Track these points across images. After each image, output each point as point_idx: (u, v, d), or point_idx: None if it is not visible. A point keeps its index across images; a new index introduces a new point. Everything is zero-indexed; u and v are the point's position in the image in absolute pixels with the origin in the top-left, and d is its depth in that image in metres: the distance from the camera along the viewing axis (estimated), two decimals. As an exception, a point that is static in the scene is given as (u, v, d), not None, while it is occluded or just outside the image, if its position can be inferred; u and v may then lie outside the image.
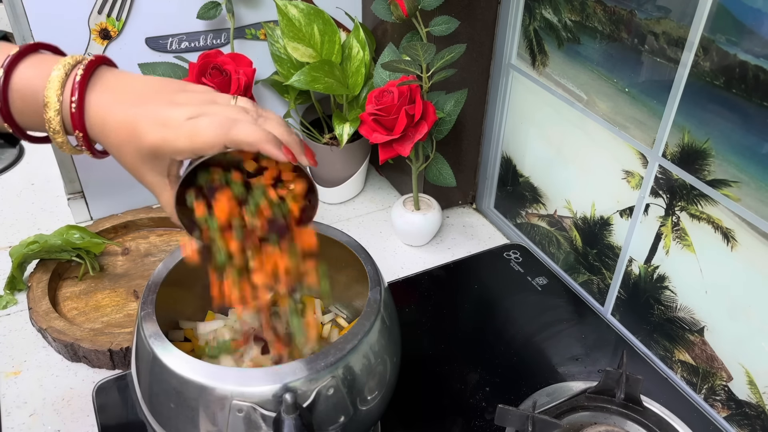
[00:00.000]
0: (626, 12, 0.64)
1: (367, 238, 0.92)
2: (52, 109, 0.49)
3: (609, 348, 0.74)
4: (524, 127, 0.85)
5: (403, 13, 0.74)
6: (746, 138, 0.55)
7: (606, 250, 0.76)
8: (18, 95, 0.49)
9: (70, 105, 0.48)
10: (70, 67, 0.49)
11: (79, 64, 0.49)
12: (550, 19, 0.74)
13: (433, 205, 0.89)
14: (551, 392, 0.67)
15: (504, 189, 0.93)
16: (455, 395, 0.68)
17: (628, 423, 0.62)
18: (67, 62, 0.49)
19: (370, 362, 0.51)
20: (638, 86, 0.65)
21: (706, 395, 0.67)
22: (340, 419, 0.50)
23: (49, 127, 0.50)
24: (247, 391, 0.46)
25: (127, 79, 0.51)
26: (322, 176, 0.98)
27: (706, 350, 0.66)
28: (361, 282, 0.57)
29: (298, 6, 0.83)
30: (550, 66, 0.76)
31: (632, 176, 0.69)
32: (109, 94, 0.49)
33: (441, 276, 0.84)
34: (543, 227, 0.86)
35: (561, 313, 0.79)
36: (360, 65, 0.86)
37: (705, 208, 0.61)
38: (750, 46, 0.53)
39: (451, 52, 0.73)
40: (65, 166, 0.87)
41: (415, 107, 0.75)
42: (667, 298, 0.69)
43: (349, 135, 0.87)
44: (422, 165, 0.84)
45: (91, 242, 0.81)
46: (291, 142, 0.50)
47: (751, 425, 0.63)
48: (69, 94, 0.48)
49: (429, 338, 0.74)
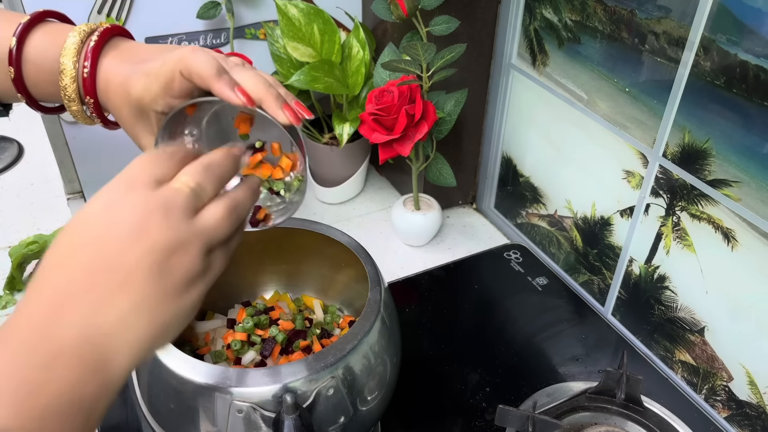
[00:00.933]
0: (626, 11, 0.63)
1: (367, 238, 0.92)
2: (68, 76, 0.49)
3: (609, 348, 0.74)
4: (524, 127, 0.85)
5: (403, 13, 0.74)
6: (747, 138, 0.55)
7: (606, 250, 0.76)
8: (32, 64, 0.49)
9: (83, 71, 0.48)
10: (85, 34, 0.49)
11: (94, 31, 0.49)
12: (551, 19, 0.74)
13: (433, 205, 0.89)
14: (551, 392, 0.67)
15: (504, 189, 0.92)
16: (455, 395, 0.67)
17: (629, 423, 0.62)
18: (83, 30, 0.49)
19: (370, 362, 0.51)
20: (639, 86, 0.65)
21: (707, 395, 0.67)
22: (340, 420, 0.50)
23: (64, 94, 0.50)
24: (247, 391, 0.46)
25: (136, 46, 0.51)
26: (322, 176, 0.98)
27: (707, 350, 0.66)
28: (361, 282, 0.57)
29: (298, 6, 0.82)
30: (551, 66, 0.76)
31: (633, 176, 0.69)
32: (117, 59, 0.49)
33: (441, 276, 0.84)
34: (543, 227, 0.86)
35: (561, 313, 0.79)
36: (360, 65, 0.86)
37: (705, 208, 0.61)
38: (750, 46, 0.53)
39: (452, 51, 0.73)
40: (65, 166, 0.87)
41: (415, 107, 0.75)
42: (667, 298, 0.69)
43: (349, 135, 0.86)
44: (422, 165, 0.84)
45: (90, 242, 0.80)
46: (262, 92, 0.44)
47: (752, 425, 0.63)
48: (82, 61, 0.48)
49: (429, 338, 0.74)
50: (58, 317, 0.32)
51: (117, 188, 0.36)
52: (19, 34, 0.48)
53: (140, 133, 0.49)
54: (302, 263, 0.67)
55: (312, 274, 0.68)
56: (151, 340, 0.34)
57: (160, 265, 0.34)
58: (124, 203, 0.35)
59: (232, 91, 0.43)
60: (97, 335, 0.32)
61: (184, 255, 0.35)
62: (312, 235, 0.61)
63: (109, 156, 0.88)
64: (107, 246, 0.33)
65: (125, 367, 0.33)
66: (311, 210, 0.98)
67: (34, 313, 0.32)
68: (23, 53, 0.49)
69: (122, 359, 0.33)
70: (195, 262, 0.35)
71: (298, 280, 0.69)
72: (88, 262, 0.33)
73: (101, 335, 0.32)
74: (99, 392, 0.32)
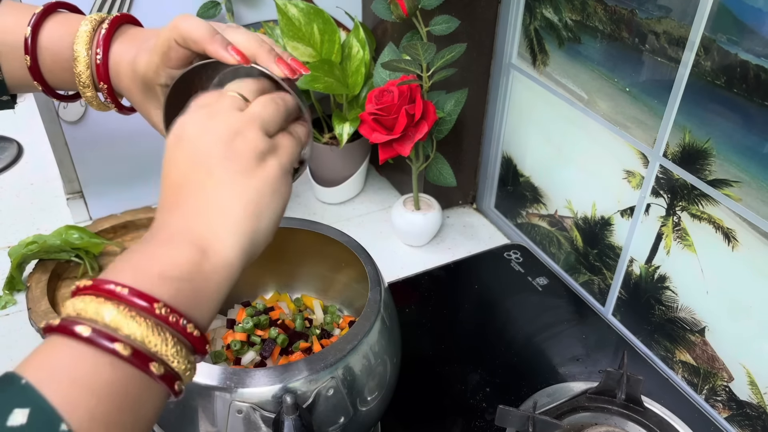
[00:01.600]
0: (627, 11, 0.63)
1: (367, 238, 0.92)
2: (82, 62, 0.51)
3: (610, 348, 0.74)
4: (525, 127, 0.85)
5: (403, 13, 0.74)
6: (747, 138, 0.55)
7: (607, 250, 0.76)
8: (48, 53, 0.52)
9: (95, 58, 0.51)
10: (96, 23, 0.51)
11: (105, 20, 0.51)
12: (551, 19, 0.74)
13: (433, 205, 0.89)
14: (552, 393, 0.67)
15: (504, 189, 0.92)
16: (455, 396, 0.67)
17: (629, 424, 0.62)
18: (94, 18, 0.51)
19: (370, 363, 0.51)
20: (639, 86, 0.65)
21: (707, 396, 0.67)
22: (339, 420, 0.49)
23: (79, 81, 0.52)
24: (247, 391, 0.46)
25: (143, 30, 0.53)
26: (322, 176, 0.97)
27: (707, 350, 0.65)
28: (361, 282, 0.57)
29: (298, 5, 0.82)
30: (551, 65, 0.76)
31: (633, 176, 0.69)
32: (126, 44, 0.51)
33: (441, 276, 0.84)
34: (543, 227, 0.86)
35: (561, 313, 0.79)
36: (360, 65, 0.86)
37: (706, 208, 0.61)
38: (751, 46, 0.53)
39: (452, 51, 0.73)
40: (64, 166, 0.87)
41: (415, 107, 0.74)
42: (667, 299, 0.69)
43: (348, 135, 0.86)
44: (422, 165, 0.84)
45: (90, 242, 0.80)
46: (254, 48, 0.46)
47: (752, 426, 0.63)
48: (95, 48, 0.51)
49: (429, 339, 0.74)
50: (168, 216, 0.39)
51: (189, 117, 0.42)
52: (34, 23, 0.51)
53: (151, 111, 0.51)
54: (302, 263, 0.67)
55: (312, 274, 0.68)
56: (246, 218, 0.38)
57: (228, 149, 0.39)
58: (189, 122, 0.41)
59: (226, 50, 0.45)
60: (197, 223, 0.37)
61: (245, 136, 0.40)
62: (312, 235, 0.61)
63: (108, 156, 0.88)
64: (185, 153, 0.40)
65: (229, 248, 0.37)
66: (311, 210, 0.98)
67: (157, 218, 0.39)
68: (38, 42, 0.51)
69: (224, 241, 0.37)
70: (256, 138, 0.40)
71: (298, 280, 0.69)
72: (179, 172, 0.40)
73: (200, 222, 0.38)
74: (209, 274, 0.36)
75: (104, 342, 0.31)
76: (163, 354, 0.33)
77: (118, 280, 0.33)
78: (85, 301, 0.32)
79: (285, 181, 0.41)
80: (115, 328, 0.32)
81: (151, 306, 0.33)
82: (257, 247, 0.40)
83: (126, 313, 0.32)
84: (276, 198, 0.40)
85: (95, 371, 0.31)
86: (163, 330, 0.33)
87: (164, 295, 0.33)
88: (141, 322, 0.32)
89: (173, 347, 0.33)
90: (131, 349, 0.31)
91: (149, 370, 0.32)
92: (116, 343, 0.31)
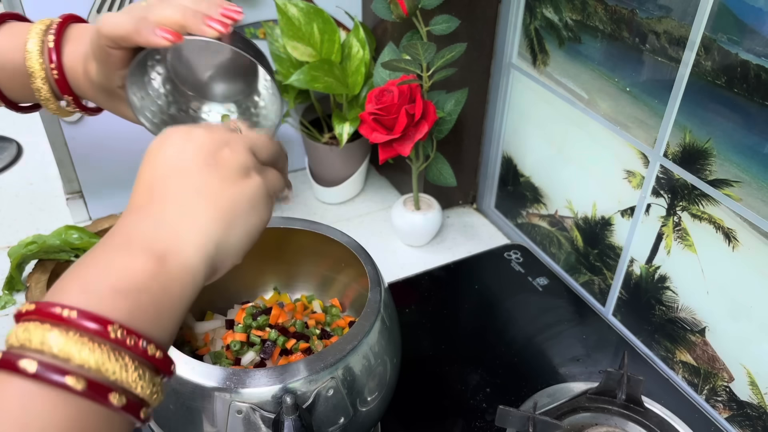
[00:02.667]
0: (627, 11, 0.63)
1: (367, 238, 0.92)
2: (38, 78, 0.49)
3: (610, 348, 0.74)
4: (525, 127, 0.85)
5: (403, 12, 0.74)
6: (748, 138, 0.55)
7: (607, 250, 0.75)
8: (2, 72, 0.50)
9: (52, 73, 0.49)
10: (42, 33, 0.49)
11: (49, 29, 0.49)
12: (551, 18, 0.74)
13: (433, 205, 0.89)
14: (552, 393, 0.67)
15: (505, 189, 0.92)
16: (456, 396, 0.67)
17: (630, 424, 0.62)
18: (39, 29, 0.49)
19: (370, 363, 0.51)
20: (639, 86, 0.65)
21: (708, 396, 0.67)
22: (339, 420, 0.49)
23: (39, 96, 0.50)
24: (247, 392, 0.46)
25: (85, 30, 0.51)
26: (322, 176, 0.97)
27: (708, 351, 0.65)
28: (361, 282, 0.57)
29: (298, 5, 0.82)
30: (551, 65, 0.76)
31: (633, 176, 0.69)
32: (77, 45, 0.49)
33: (441, 276, 0.84)
34: (544, 227, 0.86)
35: (562, 313, 0.79)
36: (360, 64, 0.86)
37: (706, 208, 0.61)
38: (751, 46, 0.53)
39: (452, 51, 0.73)
40: (64, 166, 0.87)
41: (415, 106, 0.74)
42: (668, 299, 0.69)
43: (348, 134, 0.86)
44: (422, 165, 0.83)
45: (89, 242, 0.80)
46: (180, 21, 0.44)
47: (753, 426, 0.63)
48: (48, 63, 0.49)
49: (429, 339, 0.74)
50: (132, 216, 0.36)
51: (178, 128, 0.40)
52: None
53: (120, 108, 0.51)
54: (302, 263, 0.67)
55: (312, 274, 0.68)
56: (215, 222, 0.36)
57: (211, 157, 0.37)
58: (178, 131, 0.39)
59: (155, 36, 0.43)
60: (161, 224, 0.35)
61: (230, 149, 0.38)
62: (312, 235, 0.61)
63: (108, 156, 0.88)
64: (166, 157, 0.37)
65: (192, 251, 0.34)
66: (311, 210, 0.98)
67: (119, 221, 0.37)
68: None
69: (187, 243, 0.34)
70: (244, 153, 0.39)
71: (298, 280, 0.69)
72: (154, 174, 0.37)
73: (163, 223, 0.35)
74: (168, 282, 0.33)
75: (53, 376, 0.27)
76: (124, 381, 0.29)
77: (65, 302, 0.29)
78: (29, 329, 0.28)
79: (266, 201, 0.39)
80: (65, 358, 0.28)
81: (104, 329, 0.29)
82: (223, 260, 0.36)
83: (77, 339, 0.28)
84: (252, 214, 0.38)
85: (47, 411, 0.27)
86: (121, 354, 0.29)
87: (119, 312, 0.30)
88: (95, 348, 0.28)
89: (134, 371, 0.29)
90: (85, 381, 0.27)
91: (108, 402, 0.28)
92: (68, 376, 0.27)
